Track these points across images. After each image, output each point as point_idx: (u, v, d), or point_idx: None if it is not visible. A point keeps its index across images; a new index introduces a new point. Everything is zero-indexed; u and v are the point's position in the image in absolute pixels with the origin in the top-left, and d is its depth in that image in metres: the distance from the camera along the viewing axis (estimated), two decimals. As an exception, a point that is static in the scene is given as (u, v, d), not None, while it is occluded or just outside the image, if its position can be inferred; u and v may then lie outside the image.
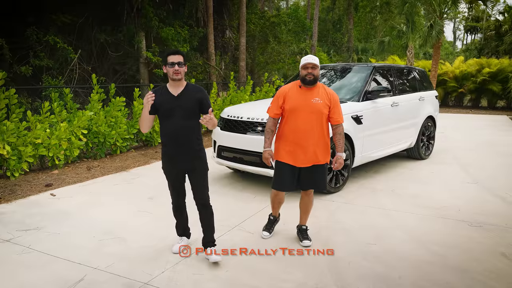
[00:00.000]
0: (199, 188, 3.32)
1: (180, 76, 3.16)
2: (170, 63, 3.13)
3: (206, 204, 3.37)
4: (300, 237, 3.78)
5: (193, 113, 3.21)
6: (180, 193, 3.44)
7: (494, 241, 3.79)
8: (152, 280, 3.09)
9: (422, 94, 7.20)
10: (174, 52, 3.18)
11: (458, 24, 57.25)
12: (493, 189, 5.49)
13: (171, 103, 3.17)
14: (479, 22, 38.76)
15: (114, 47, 13.20)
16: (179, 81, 3.20)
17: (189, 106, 3.19)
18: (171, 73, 3.15)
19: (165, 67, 3.19)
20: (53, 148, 6.30)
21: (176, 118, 3.16)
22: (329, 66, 6.84)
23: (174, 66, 3.12)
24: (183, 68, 3.18)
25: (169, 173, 3.35)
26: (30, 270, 3.26)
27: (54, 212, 4.59)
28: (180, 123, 3.17)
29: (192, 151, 3.25)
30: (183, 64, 3.17)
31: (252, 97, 12.09)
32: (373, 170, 6.54)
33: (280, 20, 19.70)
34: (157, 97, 3.16)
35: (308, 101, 3.43)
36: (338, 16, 34.83)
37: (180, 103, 3.17)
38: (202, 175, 3.32)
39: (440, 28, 15.66)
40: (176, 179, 3.35)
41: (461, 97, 18.71)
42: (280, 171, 3.60)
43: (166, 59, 3.16)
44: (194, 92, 3.22)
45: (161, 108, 3.19)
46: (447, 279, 3.10)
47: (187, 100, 3.19)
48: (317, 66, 3.43)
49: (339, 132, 3.55)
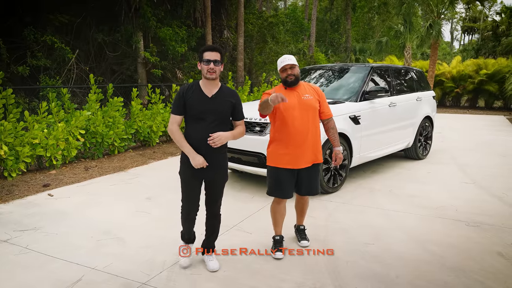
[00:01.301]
0: (215, 198, 3.16)
1: (215, 75, 2.92)
2: (205, 60, 2.89)
3: (217, 213, 3.25)
4: (298, 237, 3.77)
5: (226, 119, 3.01)
6: (195, 203, 3.17)
7: (491, 241, 3.81)
8: (150, 280, 3.09)
9: (420, 94, 7.22)
10: (211, 48, 2.92)
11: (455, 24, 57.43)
12: (490, 189, 5.51)
13: (204, 104, 2.93)
14: (476, 23, 38.90)
15: (112, 47, 13.18)
16: (214, 81, 2.97)
17: (223, 110, 2.96)
18: (205, 71, 2.91)
19: (200, 63, 2.95)
20: (50, 148, 6.29)
21: (207, 122, 2.92)
22: (327, 67, 6.85)
23: (209, 64, 2.88)
24: (219, 67, 2.94)
25: (188, 181, 3.07)
26: (28, 271, 3.25)
27: (52, 212, 4.58)
28: (211, 128, 2.92)
29: (218, 161, 3.04)
30: (220, 62, 2.93)
31: (250, 97, 12.10)
32: (371, 170, 6.56)
33: (278, 20, 19.70)
34: (188, 95, 2.94)
35: (300, 99, 3.33)
36: (336, 16, 34.90)
37: (214, 106, 2.94)
38: (221, 186, 3.16)
39: (440, 27, 15.71)
40: (194, 188, 3.09)
41: (458, 98, 18.78)
42: (279, 177, 3.39)
43: (202, 55, 2.93)
44: (228, 96, 3.01)
45: (192, 109, 2.94)
46: (445, 278, 3.11)
47: (221, 104, 2.96)
48: (295, 65, 3.31)
49: (332, 127, 3.49)
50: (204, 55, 2.90)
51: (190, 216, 3.20)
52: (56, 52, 11.22)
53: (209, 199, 3.17)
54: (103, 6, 12.50)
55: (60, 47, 10.99)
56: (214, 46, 2.95)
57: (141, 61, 13.10)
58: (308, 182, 3.46)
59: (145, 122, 8.40)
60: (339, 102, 5.52)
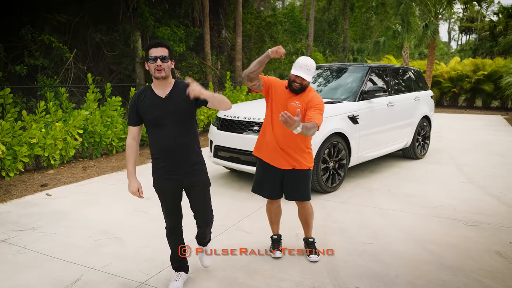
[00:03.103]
0: (201, 206, 2.84)
1: (164, 73, 2.56)
2: (152, 57, 2.54)
3: (208, 225, 2.96)
4: (308, 251, 3.49)
5: (189, 116, 2.68)
6: (176, 215, 2.87)
7: (490, 240, 3.82)
8: (149, 280, 3.08)
9: (418, 94, 7.24)
10: (156, 44, 2.57)
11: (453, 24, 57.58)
12: (488, 188, 5.53)
13: (159, 107, 2.60)
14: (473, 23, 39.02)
15: (110, 47, 13.16)
16: (165, 80, 2.61)
17: (183, 108, 2.62)
18: (153, 70, 2.56)
19: (147, 63, 2.60)
20: (48, 148, 6.27)
21: (168, 126, 2.61)
22: (325, 66, 6.86)
23: (156, 61, 2.54)
24: (168, 63, 2.58)
25: (163, 192, 2.78)
26: (26, 271, 3.24)
27: (50, 212, 4.57)
28: (174, 131, 2.62)
29: (192, 163, 2.71)
30: (168, 58, 2.57)
31: (248, 97, 12.10)
32: (369, 169, 6.57)
33: (276, 20, 19.72)
34: (140, 102, 2.64)
35: (288, 104, 3.17)
36: (334, 16, 34.90)
37: (170, 107, 2.60)
38: (204, 191, 2.81)
39: (435, 27, 15.75)
40: (171, 199, 2.79)
41: (456, 97, 18.83)
42: (260, 172, 3.36)
43: (147, 54, 2.57)
44: (184, 90, 2.59)
45: (147, 116, 2.63)
46: (443, 278, 3.12)
47: (179, 102, 2.61)
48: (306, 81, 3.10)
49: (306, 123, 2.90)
50: (150, 53, 2.55)
51: (174, 231, 2.91)
52: (54, 51, 11.20)
53: (195, 209, 2.86)
54: (101, 6, 12.49)
55: (58, 47, 10.97)
56: (158, 41, 2.60)
57: (139, 60, 13.08)
58: (291, 187, 3.30)
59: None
60: (337, 102, 5.52)
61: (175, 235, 2.93)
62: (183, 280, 3.00)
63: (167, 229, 2.93)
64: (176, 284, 2.95)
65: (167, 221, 2.90)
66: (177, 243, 2.96)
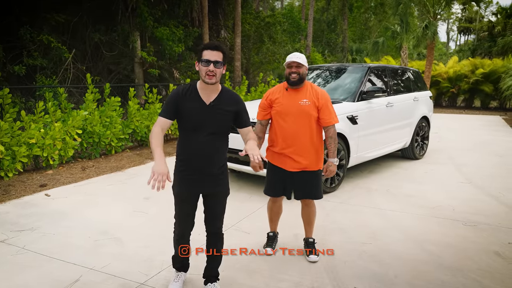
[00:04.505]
0: (216, 215, 2.77)
1: (215, 79, 2.45)
2: (204, 60, 2.42)
3: (218, 233, 2.85)
4: (307, 251, 3.49)
5: (225, 128, 2.61)
6: (189, 222, 2.81)
7: (488, 240, 3.83)
8: (148, 281, 3.08)
9: (417, 94, 7.25)
10: (213, 47, 2.44)
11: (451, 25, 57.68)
12: (487, 189, 5.54)
13: (201, 113, 2.51)
14: (472, 23, 39.10)
15: (109, 47, 13.14)
16: (213, 86, 2.51)
17: (223, 119, 2.55)
18: (203, 74, 2.44)
19: (198, 63, 2.48)
20: (47, 148, 6.26)
21: (203, 133, 2.52)
22: (324, 67, 6.86)
23: (209, 65, 2.42)
24: (221, 69, 2.47)
25: (182, 197, 2.69)
26: (25, 271, 3.23)
27: (49, 213, 4.57)
28: (208, 139, 2.54)
29: (216, 173, 2.64)
30: (222, 64, 2.46)
31: (247, 97, 12.10)
32: (368, 170, 6.58)
33: (275, 20, 19.72)
34: (183, 100, 2.52)
35: (296, 104, 3.19)
36: (333, 16, 34.95)
37: (212, 115, 2.52)
38: (222, 201, 2.77)
39: (435, 28, 15.79)
40: (188, 205, 2.72)
41: (455, 98, 18.87)
42: (270, 174, 3.42)
43: (201, 54, 2.45)
44: (230, 103, 2.57)
45: (185, 118, 2.53)
46: (442, 278, 3.13)
47: (221, 112, 2.54)
48: (302, 65, 3.14)
49: (330, 136, 3.27)
50: (203, 54, 2.43)
51: (182, 237, 2.85)
52: (53, 51, 11.18)
53: (207, 216, 2.78)
54: (99, 6, 12.47)
55: (57, 47, 10.95)
56: (216, 43, 2.47)
57: (138, 60, 13.07)
58: (302, 186, 3.36)
59: (142, 122, 8.39)
60: (336, 102, 5.52)
61: (182, 241, 2.88)
62: (182, 281, 2.99)
63: (175, 234, 2.88)
64: (175, 286, 2.94)
65: (178, 227, 2.83)
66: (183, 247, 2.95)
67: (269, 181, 3.46)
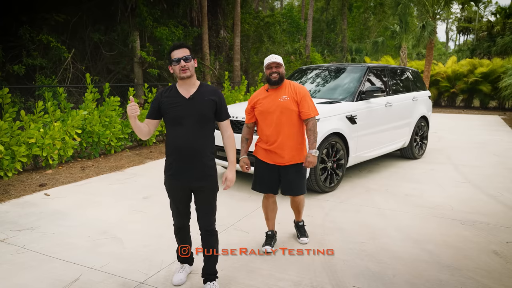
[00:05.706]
0: (205, 211, 2.83)
1: (189, 72, 2.65)
2: (175, 60, 2.65)
3: (211, 230, 2.89)
4: (298, 234, 3.83)
5: (208, 120, 2.73)
6: (184, 214, 2.94)
7: (486, 240, 3.84)
8: (148, 280, 3.09)
9: (416, 94, 7.27)
10: (177, 46, 2.67)
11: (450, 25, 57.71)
12: (485, 188, 5.55)
13: (182, 107, 2.67)
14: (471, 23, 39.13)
15: (108, 47, 13.14)
16: (190, 79, 2.69)
17: (204, 111, 2.69)
18: (178, 71, 2.66)
19: (171, 66, 2.71)
20: (46, 148, 6.27)
21: (187, 126, 2.67)
22: (324, 66, 6.87)
23: (179, 62, 2.64)
24: (192, 63, 2.68)
25: (173, 191, 2.83)
26: (25, 270, 3.24)
27: (49, 212, 4.57)
28: (192, 132, 2.67)
29: (203, 167, 2.73)
30: (191, 58, 2.67)
31: (246, 97, 12.11)
32: (367, 169, 6.59)
33: (274, 20, 19.73)
34: (164, 98, 2.72)
35: (276, 101, 3.38)
36: (332, 16, 34.95)
37: (193, 108, 2.67)
38: (210, 197, 2.83)
39: (432, 28, 15.80)
40: (180, 199, 2.84)
41: (454, 98, 18.89)
42: (257, 169, 3.60)
43: (170, 57, 2.68)
44: (209, 94, 2.73)
45: (169, 113, 2.69)
46: (441, 277, 3.14)
47: (202, 104, 2.69)
48: (281, 65, 3.37)
49: (309, 128, 3.42)
50: (172, 55, 2.66)
51: (181, 229, 3.00)
52: (52, 51, 11.18)
53: (199, 213, 2.85)
54: (99, 5, 12.47)
55: (56, 46, 10.95)
56: (179, 43, 2.70)
57: (137, 60, 13.07)
58: (288, 181, 3.51)
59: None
60: (335, 102, 5.54)
61: (182, 233, 3.03)
62: (186, 273, 3.10)
63: (174, 227, 3.03)
64: (179, 276, 3.05)
65: (175, 219, 2.98)
66: (184, 240, 3.07)
67: (256, 176, 3.62)
